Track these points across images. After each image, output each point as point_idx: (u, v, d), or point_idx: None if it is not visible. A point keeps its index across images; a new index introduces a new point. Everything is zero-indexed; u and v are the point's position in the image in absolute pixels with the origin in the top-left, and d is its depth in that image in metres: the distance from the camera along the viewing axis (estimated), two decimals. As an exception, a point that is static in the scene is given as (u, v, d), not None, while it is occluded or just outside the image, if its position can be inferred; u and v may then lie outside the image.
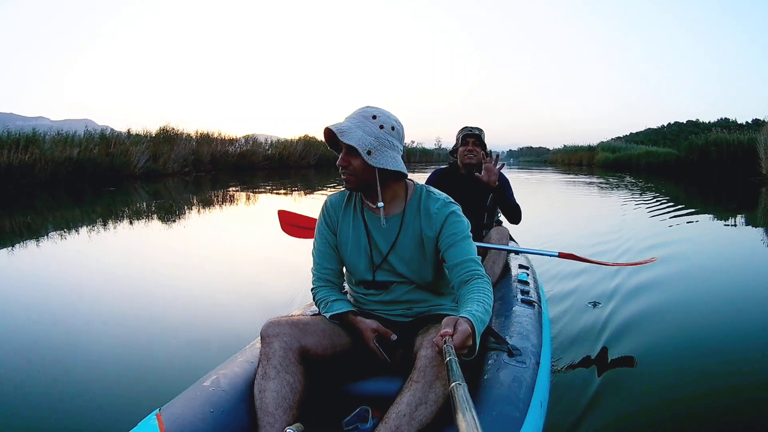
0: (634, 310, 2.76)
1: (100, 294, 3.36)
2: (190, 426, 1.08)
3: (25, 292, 3.46)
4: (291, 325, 1.29)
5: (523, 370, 1.34)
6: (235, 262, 4.37)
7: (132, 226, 6.63)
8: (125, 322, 2.75)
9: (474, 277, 1.31)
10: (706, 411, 1.79)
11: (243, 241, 5.60)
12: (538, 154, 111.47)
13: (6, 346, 2.44)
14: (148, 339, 2.50)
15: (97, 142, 15.51)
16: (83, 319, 2.83)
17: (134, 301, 3.14)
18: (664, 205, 8.37)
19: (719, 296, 3.21)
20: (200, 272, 3.94)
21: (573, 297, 2.99)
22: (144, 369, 2.13)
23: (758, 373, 2.09)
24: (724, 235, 6.02)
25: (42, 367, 2.17)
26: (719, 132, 17.66)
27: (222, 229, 6.44)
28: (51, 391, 1.95)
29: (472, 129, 2.57)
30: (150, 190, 12.23)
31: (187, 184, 14.51)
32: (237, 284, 3.56)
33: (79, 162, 13.71)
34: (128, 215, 7.71)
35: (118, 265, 4.26)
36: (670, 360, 2.21)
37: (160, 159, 17.06)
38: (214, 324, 2.70)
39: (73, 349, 2.37)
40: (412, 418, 1.08)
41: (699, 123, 36.30)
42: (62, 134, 14.97)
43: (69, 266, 4.35)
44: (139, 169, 15.85)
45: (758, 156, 13.50)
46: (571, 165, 34.13)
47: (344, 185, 1.40)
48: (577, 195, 12.00)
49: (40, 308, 3.06)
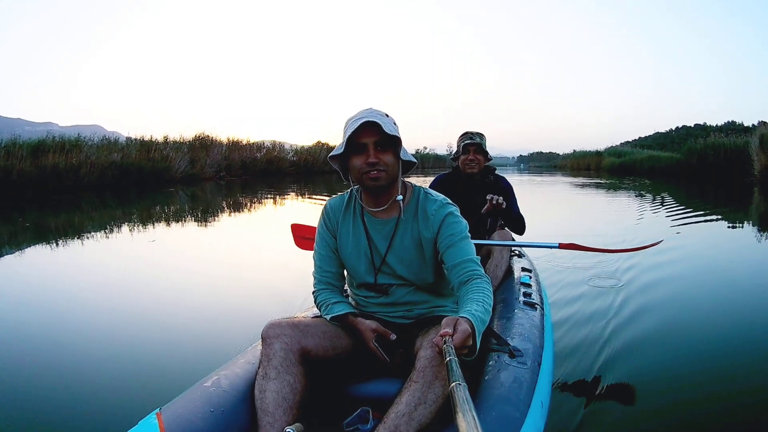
0: (638, 315, 2.62)
1: (111, 295, 3.31)
2: (190, 425, 1.03)
3: (42, 290, 3.47)
4: (292, 326, 1.24)
5: (524, 371, 1.26)
6: (243, 267, 4.21)
7: (155, 228, 6.61)
8: (131, 323, 2.69)
9: (473, 277, 1.24)
10: (708, 414, 1.70)
11: (253, 248, 5.38)
12: (548, 159, 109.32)
13: (17, 345, 2.42)
14: (151, 342, 2.42)
15: (138, 148, 15.85)
16: (92, 319, 2.80)
17: (142, 305, 3.07)
18: (660, 204, 8.35)
19: (721, 298, 3.06)
20: (208, 278, 3.77)
21: (577, 301, 2.85)
22: (146, 371, 2.07)
23: (760, 376, 1.98)
24: (720, 233, 5.88)
25: (46, 367, 2.13)
26: (716, 136, 17.78)
27: (236, 236, 6.27)
28: (56, 391, 1.90)
29: (472, 136, 2.41)
30: (188, 193, 12.42)
31: (221, 188, 14.68)
32: (243, 289, 3.47)
33: (123, 166, 14.02)
34: (158, 218, 7.71)
35: (134, 269, 4.18)
36: (673, 364, 2.10)
37: (197, 164, 17.35)
38: (217, 328, 2.62)
39: (79, 349, 2.33)
40: (411, 417, 1.03)
41: (707, 126, 35.22)
42: (106, 140, 15.34)
43: (88, 265, 4.36)
44: (179, 174, 16.13)
45: (751, 158, 13.78)
46: (580, 169, 33.76)
47: (371, 183, 1.28)
48: (578, 194, 12.29)
49: (53, 305, 3.04)
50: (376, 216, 1.38)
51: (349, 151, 1.28)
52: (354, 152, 1.28)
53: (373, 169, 1.26)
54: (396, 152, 1.29)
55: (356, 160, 1.27)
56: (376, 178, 1.27)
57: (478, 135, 2.43)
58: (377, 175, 1.26)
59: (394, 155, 1.28)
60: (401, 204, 1.35)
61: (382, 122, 1.23)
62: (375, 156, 1.25)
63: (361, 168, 1.27)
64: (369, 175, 1.27)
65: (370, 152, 1.25)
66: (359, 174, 1.28)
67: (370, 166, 1.25)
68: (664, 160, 22.20)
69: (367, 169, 1.26)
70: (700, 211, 7.66)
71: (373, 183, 1.28)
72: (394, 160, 1.28)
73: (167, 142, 17.61)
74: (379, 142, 1.25)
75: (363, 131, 1.24)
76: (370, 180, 1.27)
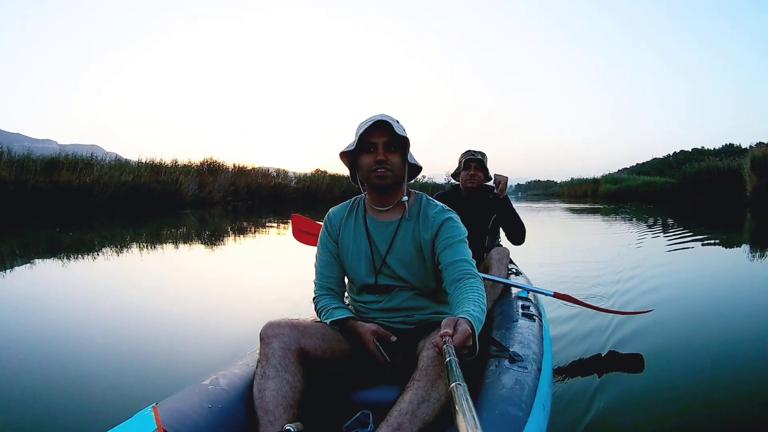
0: (637, 321, 2.59)
1: (116, 299, 3.33)
2: (186, 419, 0.99)
3: (53, 296, 3.48)
4: (290, 326, 1.20)
5: (526, 374, 1.22)
6: (243, 284, 4.16)
7: (163, 246, 6.58)
8: (133, 328, 2.70)
9: (466, 276, 1.22)
10: (707, 420, 1.65)
11: (253, 266, 5.22)
12: (546, 187, 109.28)
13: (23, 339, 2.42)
14: (152, 345, 2.42)
15: (148, 169, 15.98)
16: (95, 323, 2.80)
17: (144, 310, 3.08)
18: (651, 229, 8.32)
19: (715, 310, 3.06)
20: (209, 293, 3.71)
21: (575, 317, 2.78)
22: (146, 373, 2.05)
23: (758, 382, 1.94)
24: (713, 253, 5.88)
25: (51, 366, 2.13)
26: (711, 160, 18.00)
27: (238, 254, 6.11)
28: (61, 392, 1.88)
29: (474, 153, 2.45)
30: (197, 216, 12.44)
31: (228, 212, 14.67)
32: (243, 299, 3.46)
33: (134, 187, 14.07)
34: (166, 238, 7.66)
35: (141, 281, 4.18)
36: (673, 370, 2.06)
37: (205, 188, 17.43)
38: (217, 331, 2.61)
39: (82, 352, 2.31)
40: (414, 416, 1.00)
41: (704, 150, 35.04)
42: (118, 161, 15.47)
43: (97, 271, 4.40)
44: (189, 196, 16.19)
45: (744, 180, 13.98)
46: (577, 197, 33.80)
47: (378, 181, 1.29)
48: (570, 219, 12.32)
49: (63, 314, 3.02)
50: (378, 218, 1.38)
51: (360, 150, 1.31)
52: (364, 151, 1.30)
53: (380, 167, 1.28)
54: (404, 155, 1.31)
55: (365, 159, 1.30)
56: (383, 177, 1.29)
57: (480, 153, 2.47)
58: (384, 173, 1.28)
59: (401, 158, 1.31)
60: (407, 205, 1.35)
61: (393, 124, 1.25)
62: (383, 155, 1.27)
63: (369, 166, 1.29)
64: (377, 173, 1.28)
65: (379, 151, 1.27)
66: (367, 172, 1.30)
67: (378, 164, 1.27)
68: (659, 185, 22.44)
69: (375, 167, 1.28)
70: (691, 233, 7.69)
71: (379, 182, 1.30)
72: (401, 162, 1.31)
73: (176, 165, 17.76)
74: (388, 143, 1.28)
75: (374, 131, 1.27)
76: (377, 178, 1.29)
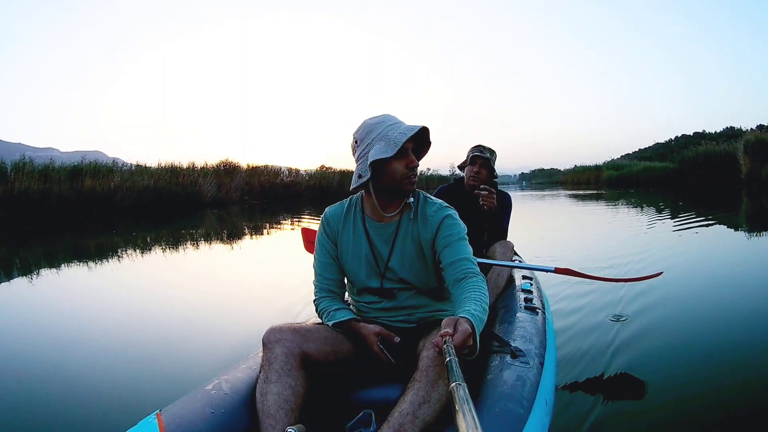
0: (643, 318, 2.48)
1: (120, 303, 3.29)
2: (190, 425, 0.96)
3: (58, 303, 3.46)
4: (292, 331, 1.17)
5: (527, 370, 1.18)
6: (248, 285, 4.07)
7: (174, 250, 6.48)
8: (134, 332, 2.67)
9: (468, 275, 1.17)
10: (712, 415, 1.57)
11: (260, 267, 4.99)
12: (549, 175, 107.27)
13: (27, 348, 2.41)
14: (153, 349, 2.37)
15: (167, 173, 16.11)
16: (99, 327, 2.79)
17: (146, 315, 3.03)
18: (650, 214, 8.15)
19: (723, 301, 2.88)
20: (214, 296, 3.63)
21: (581, 308, 2.70)
22: (149, 378, 2.02)
23: (763, 378, 1.83)
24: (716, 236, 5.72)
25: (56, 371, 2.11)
26: (708, 144, 17.77)
27: (247, 255, 5.89)
28: (66, 400, 1.85)
29: (483, 150, 2.28)
30: (216, 216, 12.49)
31: (244, 210, 14.74)
32: (248, 301, 3.40)
33: (157, 190, 14.19)
34: (179, 240, 7.58)
35: (146, 285, 4.13)
36: (678, 366, 1.96)
37: (223, 188, 17.59)
38: (219, 336, 2.56)
39: (88, 358, 2.28)
40: (415, 416, 0.96)
41: (706, 134, 34.20)
42: (140, 166, 15.57)
43: (99, 281, 4.31)
44: (209, 198, 16.37)
45: (738, 163, 13.85)
46: (580, 183, 33.33)
47: (410, 188, 1.25)
48: (573, 205, 12.30)
49: (67, 320, 3.00)
50: (376, 220, 1.32)
51: (393, 157, 1.21)
52: (396, 156, 1.20)
53: (413, 173, 1.22)
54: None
55: (398, 164, 1.21)
56: (414, 183, 1.24)
57: (488, 150, 2.29)
58: (415, 180, 1.23)
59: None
60: (412, 206, 1.30)
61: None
62: (414, 161, 1.23)
63: (404, 173, 1.22)
64: (411, 180, 1.23)
65: (411, 156, 1.22)
66: (400, 178, 1.22)
67: (412, 170, 1.22)
68: (659, 170, 22.21)
69: (409, 174, 1.22)
70: (689, 214, 7.53)
71: (411, 188, 1.24)
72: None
73: (194, 168, 17.92)
74: (414, 148, 1.23)
75: (410, 138, 1.20)
76: (410, 185, 1.24)
